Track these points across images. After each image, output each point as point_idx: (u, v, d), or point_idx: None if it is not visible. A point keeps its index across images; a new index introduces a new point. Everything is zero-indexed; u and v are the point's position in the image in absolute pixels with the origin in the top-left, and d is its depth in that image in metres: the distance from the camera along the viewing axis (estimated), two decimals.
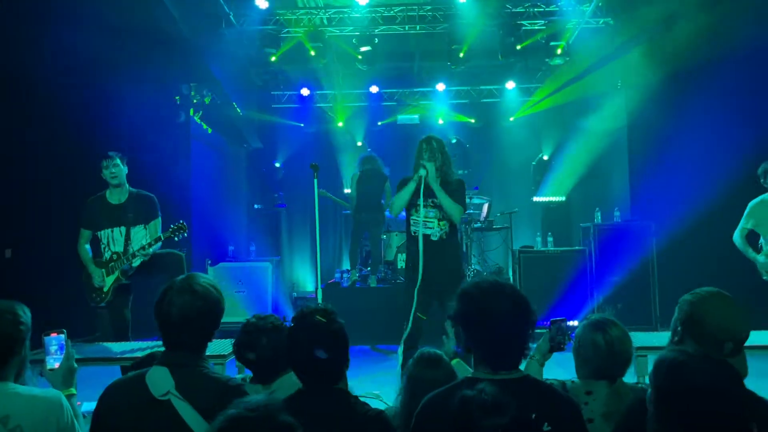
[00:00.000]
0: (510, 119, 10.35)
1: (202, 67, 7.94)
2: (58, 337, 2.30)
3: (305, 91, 9.87)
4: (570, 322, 2.89)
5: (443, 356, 2.51)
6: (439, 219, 4.28)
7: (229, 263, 7.61)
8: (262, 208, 10.20)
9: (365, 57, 8.40)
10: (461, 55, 8.45)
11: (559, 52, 8.16)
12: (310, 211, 4.83)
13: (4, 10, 5.45)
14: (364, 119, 10.51)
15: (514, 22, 8.14)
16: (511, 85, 9.87)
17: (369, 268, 7.96)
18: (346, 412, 1.97)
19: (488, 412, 1.58)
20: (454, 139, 10.09)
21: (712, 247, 5.98)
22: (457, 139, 10.16)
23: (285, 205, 10.16)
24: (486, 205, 8.52)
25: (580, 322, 2.44)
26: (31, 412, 1.94)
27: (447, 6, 8.16)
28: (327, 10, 8.31)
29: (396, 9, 8.27)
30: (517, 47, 8.12)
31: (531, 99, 9.93)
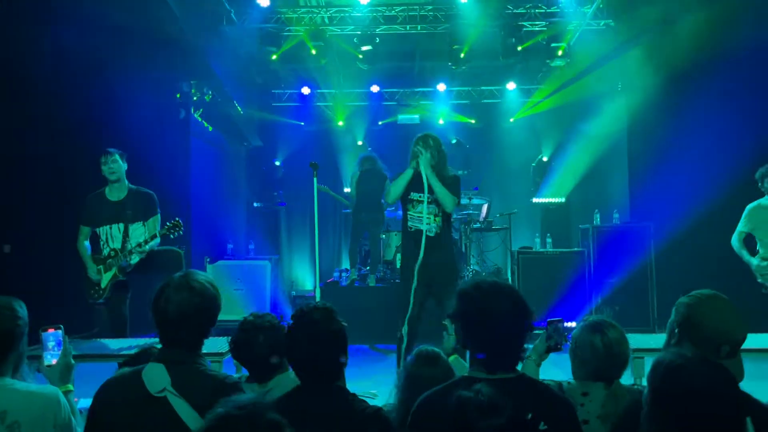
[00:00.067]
0: (510, 120, 10.35)
1: (203, 64, 7.93)
2: (56, 333, 2.30)
3: (306, 90, 9.86)
4: (568, 323, 2.88)
5: (441, 354, 2.51)
6: (435, 215, 4.28)
7: (228, 261, 7.61)
8: (262, 207, 10.20)
9: (366, 56, 8.40)
10: (462, 56, 8.45)
11: (560, 53, 8.16)
12: (309, 210, 4.83)
13: (4, 9, 5.45)
14: (365, 119, 10.51)
15: (516, 23, 8.14)
16: (511, 86, 9.87)
17: (368, 268, 7.97)
18: (345, 410, 1.97)
19: (485, 413, 1.58)
20: (454, 140, 10.08)
21: (711, 250, 5.99)
22: (458, 139, 10.15)
23: (285, 204, 10.17)
24: (485, 206, 8.53)
25: (577, 324, 2.45)
26: (29, 408, 1.94)
27: (448, 6, 8.15)
28: (328, 9, 8.31)
29: (397, 9, 8.26)
30: (518, 48, 8.12)
31: (531, 100, 9.94)
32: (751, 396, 1.79)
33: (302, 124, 10.48)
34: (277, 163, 10.58)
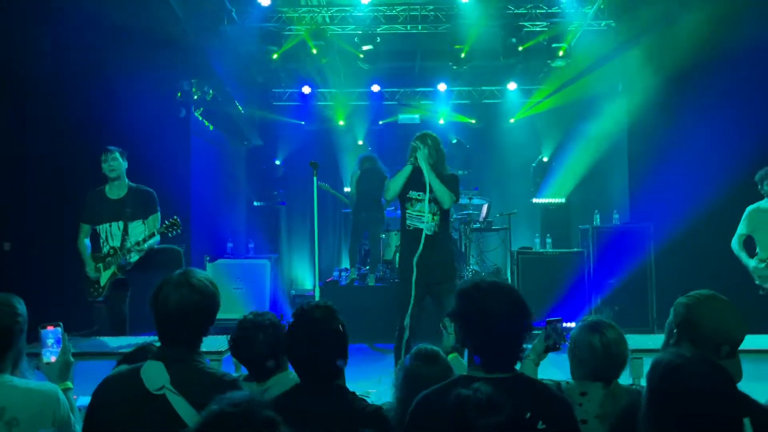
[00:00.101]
0: (510, 120, 10.35)
1: (204, 63, 7.93)
2: (55, 330, 2.30)
3: (306, 89, 9.85)
4: (567, 323, 2.88)
5: (440, 352, 2.51)
6: (433, 213, 4.28)
7: (228, 260, 7.60)
8: (262, 206, 10.20)
9: (367, 56, 8.40)
10: (463, 56, 8.45)
11: (561, 53, 8.16)
12: (309, 209, 4.82)
13: (4, 9, 5.45)
14: (365, 118, 10.50)
15: (516, 23, 8.13)
16: (512, 86, 9.86)
17: (368, 267, 7.97)
18: (345, 409, 1.97)
19: (484, 412, 1.58)
20: (454, 140, 10.09)
21: (711, 251, 5.98)
22: (458, 139, 10.16)
23: (285, 203, 10.16)
24: (485, 206, 8.53)
25: (576, 324, 2.45)
26: (28, 405, 1.94)
27: (449, 6, 8.15)
28: (329, 9, 8.30)
29: (398, 8, 8.26)
30: (519, 48, 8.12)
31: (531, 100, 9.93)
32: (749, 397, 1.79)
33: (303, 123, 10.48)
34: (278, 163, 10.58)
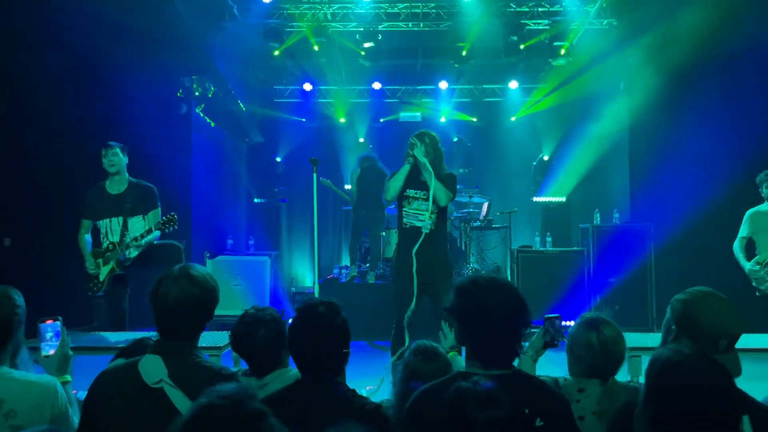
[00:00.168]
0: (511, 119, 10.34)
1: (205, 60, 7.93)
2: (54, 324, 2.31)
3: (308, 86, 9.84)
4: (566, 322, 2.89)
5: (439, 348, 2.51)
6: (430, 212, 4.29)
7: (228, 256, 7.60)
8: (262, 203, 10.20)
9: (368, 53, 8.39)
10: (464, 54, 8.45)
11: (563, 52, 8.15)
12: (309, 207, 4.82)
13: (5, 9, 5.45)
14: (366, 116, 10.49)
15: (518, 22, 8.12)
16: (514, 85, 9.85)
17: (368, 265, 7.98)
18: (345, 406, 1.97)
19: (483, 405, 1.57)
20: (455, 138, 10.09)
21: (710, 251, 5.98)
22: (459, 137, 10.16)
23: (285, 200, 10.17)
24: (486, 204, 8.52)
25: (575, 321, 2.45)
26: (26, 397, 1.94)
27: (451, 4, 8.14)
28: (331, 6, 8.30)
29: (400, 6, 8.25)
30: (521, 47, 8.11)
31: (533, 99, 9.91)
32: (748, 395, 1.79)
33: (304, 120, 10.48)
34: (278, 160, 10.59)
